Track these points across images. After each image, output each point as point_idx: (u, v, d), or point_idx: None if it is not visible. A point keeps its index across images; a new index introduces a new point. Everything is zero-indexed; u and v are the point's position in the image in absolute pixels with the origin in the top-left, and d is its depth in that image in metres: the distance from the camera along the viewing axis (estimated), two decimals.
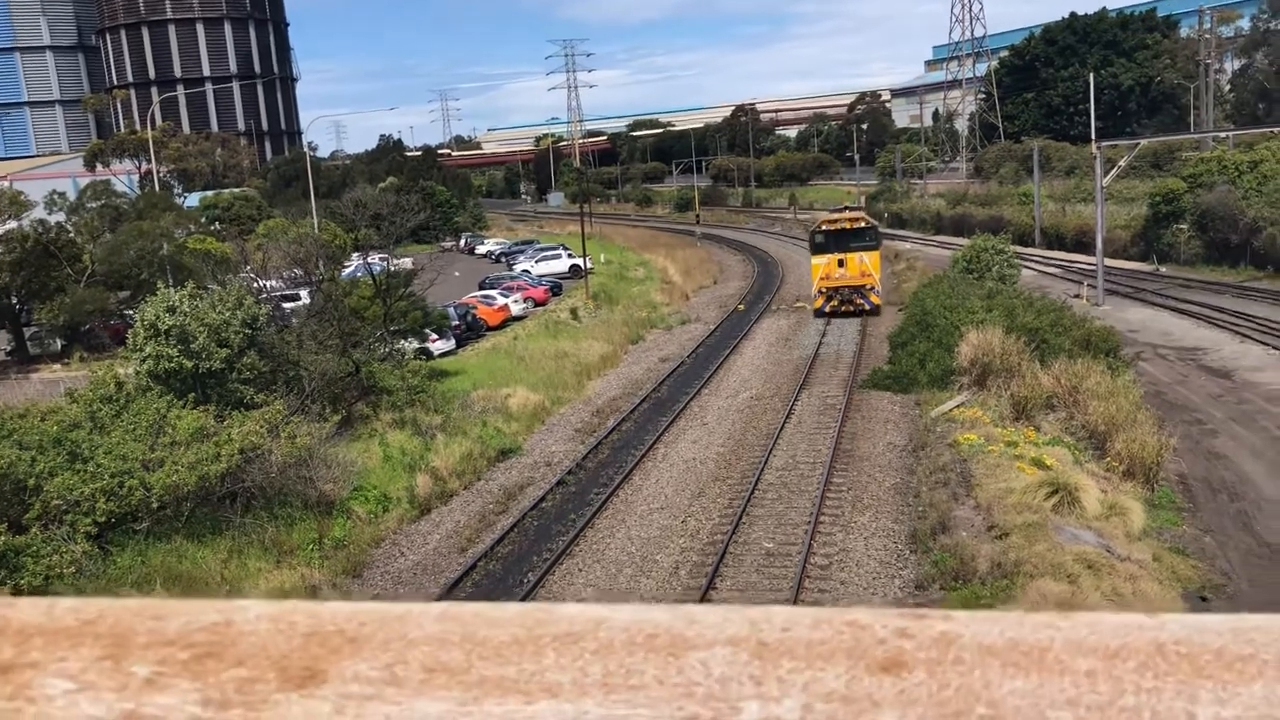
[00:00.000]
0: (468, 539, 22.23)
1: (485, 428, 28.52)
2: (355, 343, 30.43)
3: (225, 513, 21.43)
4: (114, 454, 20.08)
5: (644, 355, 40.80)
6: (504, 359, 37.23)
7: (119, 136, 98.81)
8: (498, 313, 45.24)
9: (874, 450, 26.19)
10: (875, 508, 22.22)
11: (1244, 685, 0.63)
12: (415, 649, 0.72)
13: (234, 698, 0.68)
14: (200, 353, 24.42)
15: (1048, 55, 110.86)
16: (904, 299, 45.03)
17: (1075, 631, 0.69)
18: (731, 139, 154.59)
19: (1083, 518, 19.85)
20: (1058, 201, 70.50)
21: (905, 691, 0.65)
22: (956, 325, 31.70)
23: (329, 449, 24.00)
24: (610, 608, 0.77)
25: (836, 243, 43.94)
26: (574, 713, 0.65)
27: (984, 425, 25.56)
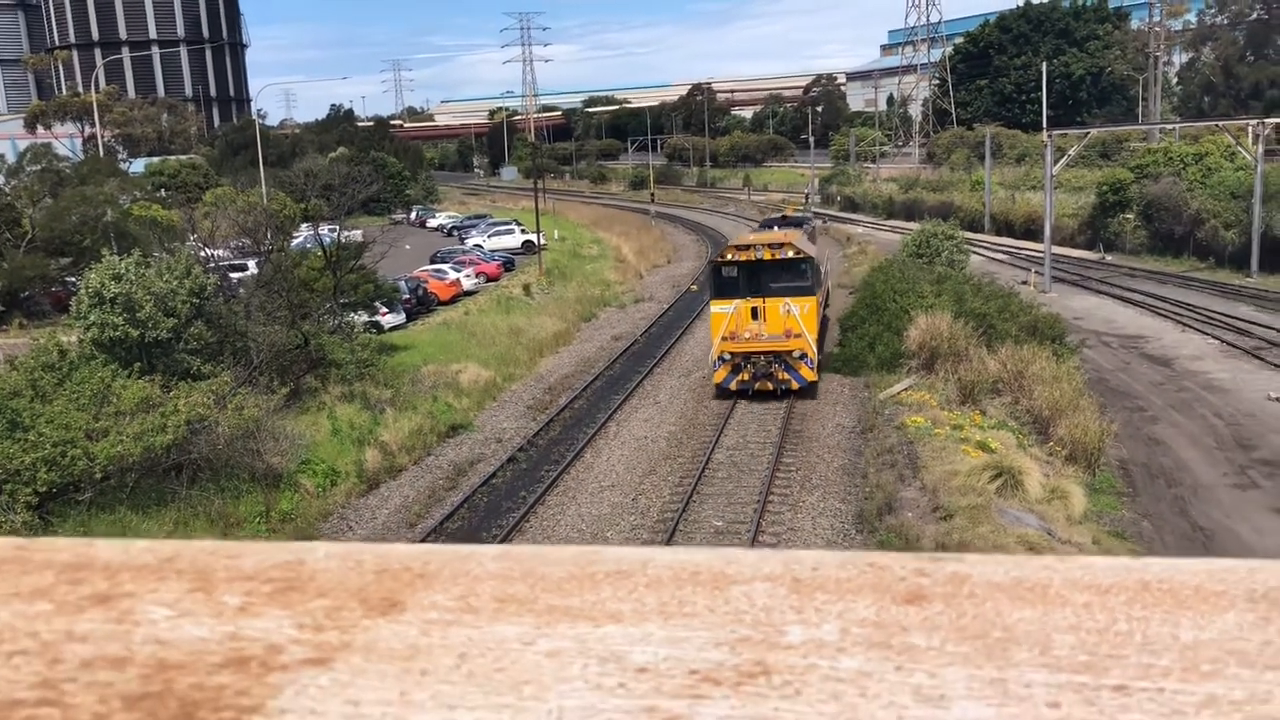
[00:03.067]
0: (416, 514, 22.15)
1: (436, 403, 28.38)
2: (304, 314, 30.10)
3: (171, 484, 21.16)
4: (56, 423, 19.73)
5: (597, 333, 40.78)
6: (455, 334, 37.02)
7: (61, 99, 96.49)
8: (449, 287, 44.93)
9: (823, 431, 26.44)
10: (823, 488, 22.45)
11: (1218, 615, 0.71)
12: (482, 583, 0.79)
13: (325, 622, 0.74)
14: (146, 322, 24.03)
15: (1001, 43, 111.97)
16: (854, 283, 45.37)
17: (1071, 572, 0.77)
18: (687, 118, 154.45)
19: (1025, 501, 20.23)
20: (1008, 189, 71.36)
21: (929, 619, 0.72)
22: (906, 309, 32.01)
23: (277, 421, 23.77)
24: (652, 550, 0.84)
25: (750, 281, 28.42)
26: (639, 634, 0.72)
27: (931, 408, 25.91)
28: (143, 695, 0.66)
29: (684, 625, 0.73)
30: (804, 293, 28.57)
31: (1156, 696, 0.63)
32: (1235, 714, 0.61)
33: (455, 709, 0.65)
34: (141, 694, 0.66)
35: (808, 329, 28.25)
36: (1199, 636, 0.69)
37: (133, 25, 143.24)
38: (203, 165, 76.57)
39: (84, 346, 24.10)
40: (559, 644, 0.72)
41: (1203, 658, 0.67)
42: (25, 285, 41.66)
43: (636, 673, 0.68)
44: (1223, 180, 52.05)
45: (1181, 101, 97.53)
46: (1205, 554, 19.30)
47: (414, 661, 0.71)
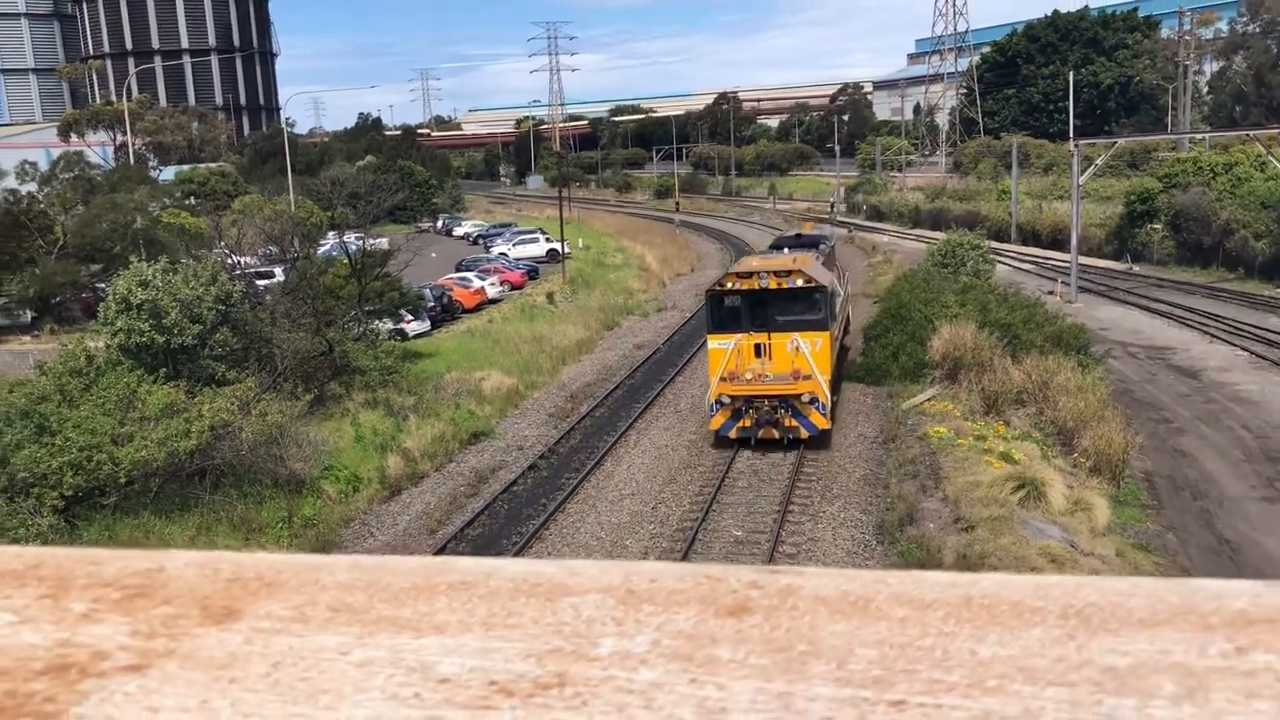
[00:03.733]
0: (438, 521, 22.23)
1: (458, 410, 28.50)
2: (329, 321, 30.31)
3: (194, 489, 21.34)
4: (82, 428, 19.95)
5: (619, 341, 40.83)
6: (479, 342, 37.17)
7: (94, 107, 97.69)
8: (474, 295, 45.13)
9: (845, 441, 26.34)
10: (844, 498, 22.37)
11: (1026, 630, 0.72)
12: (325, 593, 0.82)
13: (159, 630, 0.77)
14: (172, 328, 24.27)
15: (1029, 52, 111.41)
16: (879, 292, 45.20)
17: (902, 586, 0.78)
18: (713, 127, 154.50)
19: (1048, 512, 20.08)
20: (1035, 198, 70.92)
21: (742, 631, 0.74)
22: (930, 319, 31.87)
23: (300, 427, 23.94)
24: (505, 561, 0.86)
25: (753, 313, 25.08)
26: (454, 645, 0.73)
27: (954, 419, 25.77)
28: None
29: (502, 637, 0.74)
30: (815, 327, 24.94)
31: (931, 712, 0.64)
32: None
33: (249, 717, 0.66)
34: None
35: (819, 369, 24.68)
36: (997, 653, 0.69)
37: (165, 35, 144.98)
38: (232, 173, 77.30)
39: (111, 352, 24.37)
40: (373, 654, 0.73)
41: (991, 673, 0.67)
42: (57, 291, 42.17)
43: (437, 683, 0.69)
44: (1253, 190, 51.52)
45: (1212, 111, 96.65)
46: (1233, 568, 19.08)
47: (228, 669, 0.72)
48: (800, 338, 24.69)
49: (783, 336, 24.76)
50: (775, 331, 24.80)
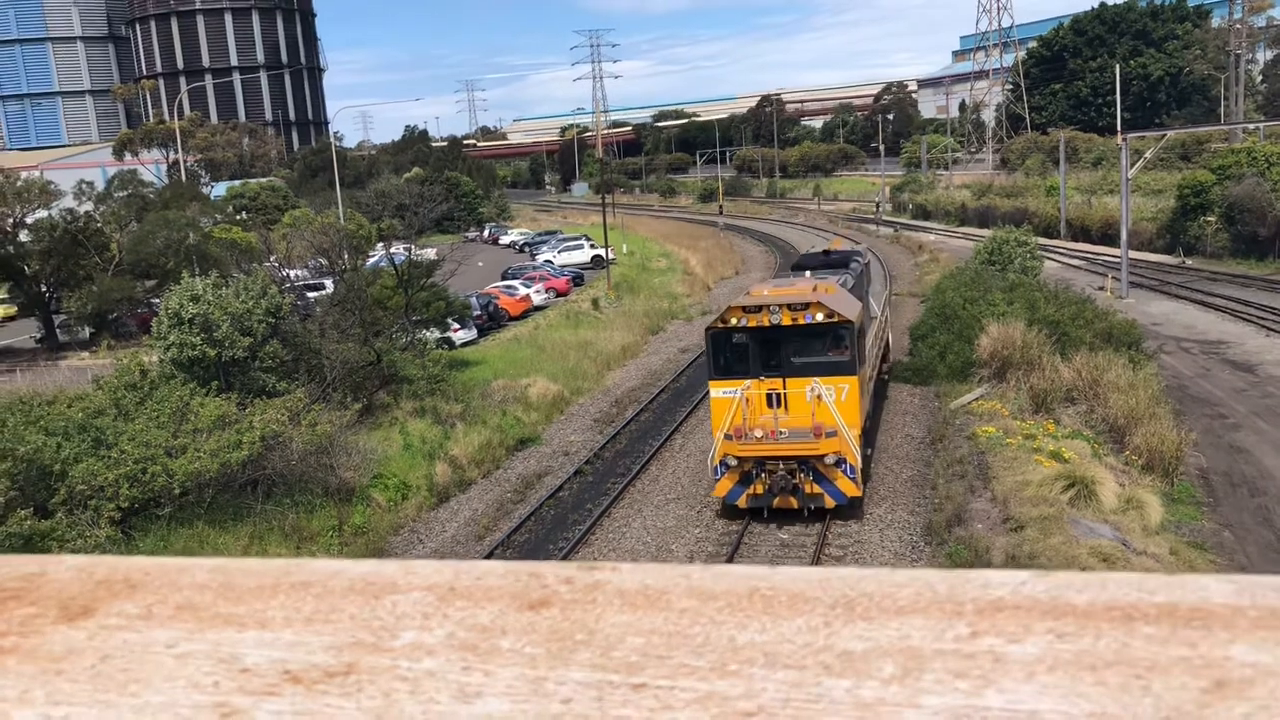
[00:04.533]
0: (485, 527, 22.41)
1: (505, 417, 28.71)
2: (377, 332, 30.67)
3: (246, 499, 21.70)
4: (137, 440, 20.39)
5: (664, 346, 40.90)
6: (525, 349, 37.42)
7: (147, 126, 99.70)
8: (520, 303, 45.43)
9: (892, 442, 26.18)
10: (891, 499, 22.23)
11: (791, 619, 0.76)
12: (178, 592, 0.87)
13: (14, 629, 0.83)
14: (223, 341, 24.71)
15: (1076, 46, 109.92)
16: (926, 291, 44.86)
17: (700, 580, 0.82)
18: (756, 129, 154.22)
19: (1100, 511, 19.81)
20: (1084, 193, 69.97)
21: (534, 624, 0.78)
22: (977, 317, 31.57)
23: (349, 437, 24.25)
24: (351, 563, 0.90)
25: (764, 354, 20.95)
26: (270, 639, 0.79)
27: (1003, 418, 25.52)
28: None
29: (316, 631, 0.80)
30: (841, 370, 20.59)
31: (662, 694, 0.68)
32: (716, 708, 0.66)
33: (59, 704, 0.72)
34: None
35: (847, 422, 20.35)
36: (753, 639, 0.73)
37: (215, 53, 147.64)
38: (282, 187, 78.50)
39: (164, 366, 24.86)
40: (194, 648, 0.79)
41: (738, 659, 0.71)
42: (113, 307, 43.11)
43: (238, 673, 0.75)
44: None
45: (1266, 100, 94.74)
46: None
47: (61, 663, 0.78)
48: (822, 384, 20.32)
49: (800, 383, 20.51)
50: (791, 377, 20.61)
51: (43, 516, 18.27)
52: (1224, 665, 0.67)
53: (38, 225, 43.80)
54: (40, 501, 18.88)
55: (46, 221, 43.85)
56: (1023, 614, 0.75)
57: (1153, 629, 0.71)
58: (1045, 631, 0.72)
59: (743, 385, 20.63)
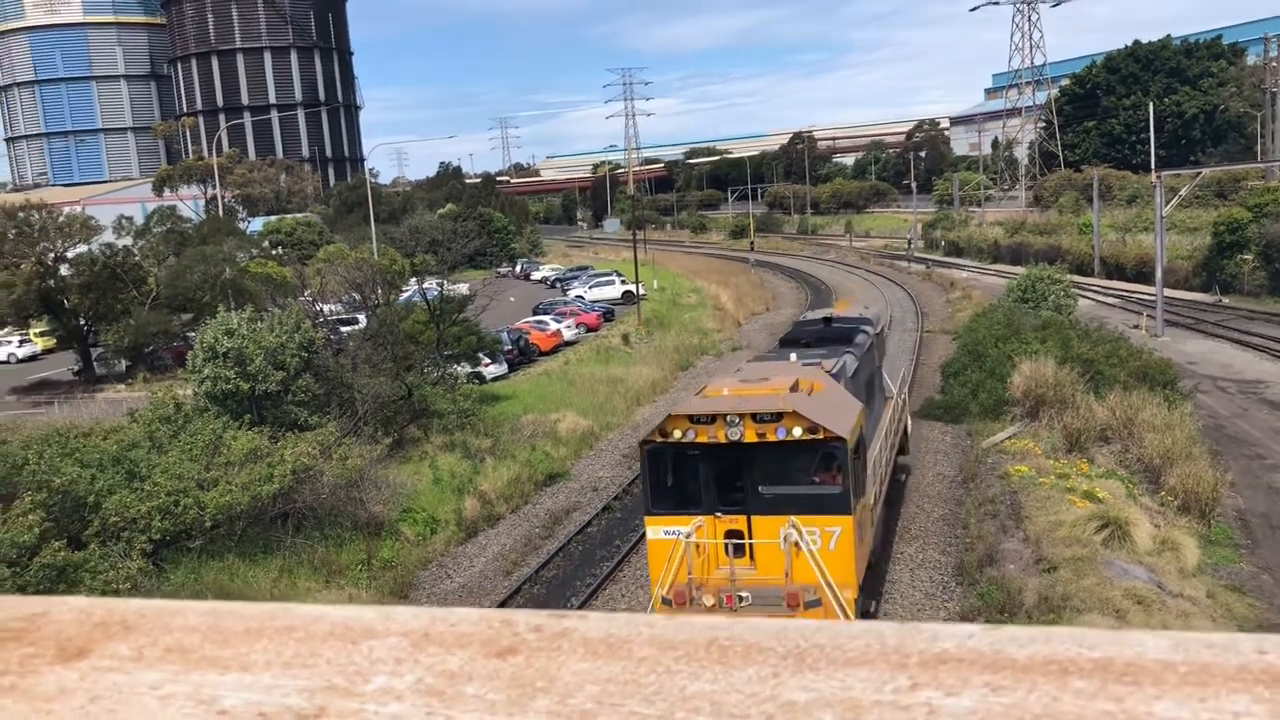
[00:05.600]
0: (513, 562, 22.38)
1: (534, 452, 28.75)
2: (409, 366, 30.88)
3: (277, 532, 21.81)
4: (170, 473, 20.58)
5: (694, 381, 40.80)
6: (555, 384, 37.51)
7: (187, 162, 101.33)
8: (550, 338, 45.60)
9: (923, 481, 25.96)
10: (922, 539, 22.02)
11: (743, 669, 0.80)
12: (169, 635, 0.91)
13: (12, 668, 0.87)
14: (257, 375, 24.94)
15: (1109, 83, 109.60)
16: (957, 328, 44.62)
17: (662, 630, 0.86)
18: (788, 166, 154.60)
19: (1134, 552, 19.52)
20: (1118, 231, 69.51)
21: (499, 670, 0.82)
22: (1009, 355, 31.36)
23: (380, 471, 24.36)
24: (336, 609, 0.95)
25: (721, 481, 15.85)
26: (250, 682, 0.83)
27: (1035, 457, 25.25)
28: None
29: (293, 675, 0.84)
30: (829, 506, 15.25)
31: None
32: None
33: None
34: None
35: (837, 579, 14.88)
36: (702, 689, 0.77)
37: (254, 91, 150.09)
38: (317, 223, 79.43)
39: (198, 399, 25.12)
40: (177, 689, 0.83)
41: (686, 707, 0.75)
42: (149, 340, 43.68)
43: (216, 714, 0.79)
44: None
45: None
46: None
47: (51, 702, 0.82)
48: (804, 524, 14.97)
49: (772, 522, 15.13)
50: (759, 514, 15.37)
51: (76, 548, 18.43)
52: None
53: (78, 260, 44.53)
54: (74, 533, 19.06)
55: (86, 256, 44.58)
56: (964, 667, 0.76)
57: (1084, 683, 0.73)
58: (982, 685, 0.74)
59: (692, 524, 15.32)
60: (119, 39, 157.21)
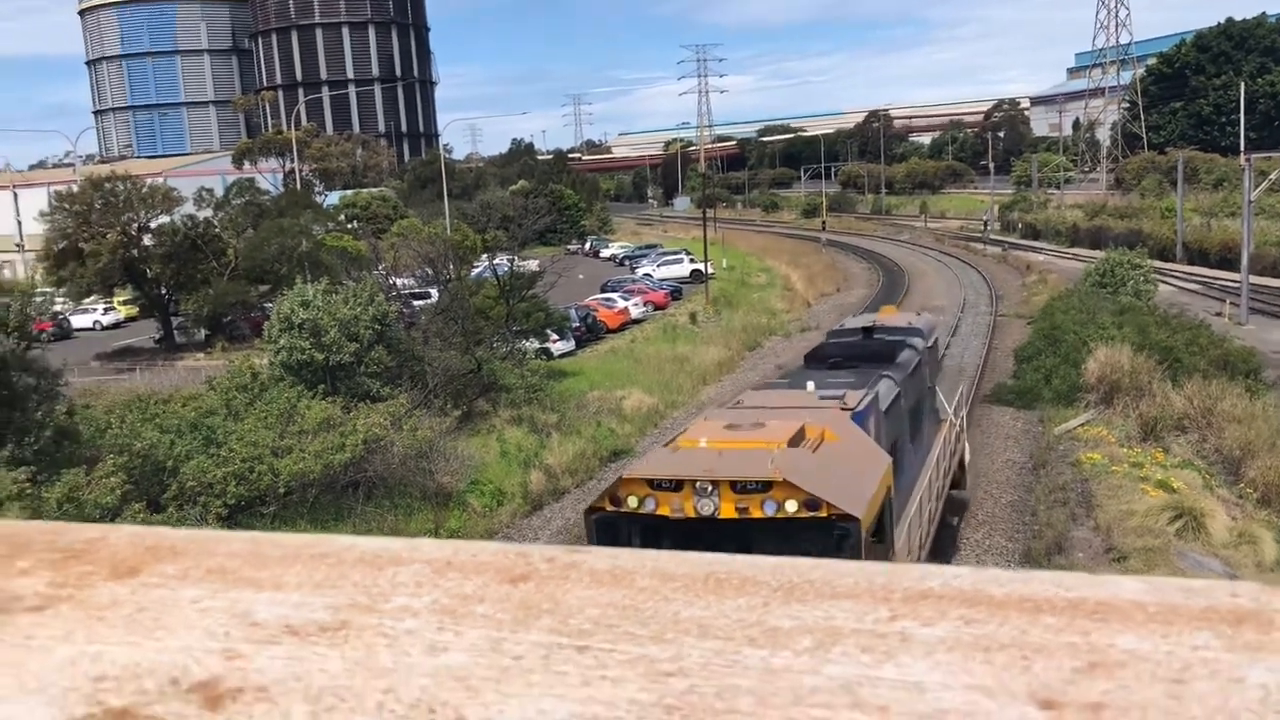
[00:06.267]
0: (577, 537, 22.58)
1: (599, 428, 28.93)
2: (478, 341, 31.23)
3: (348, 500, 22.28)
4: (246, 440, 21.11)
5: (760, 362, 40.73)
6: (621, 361, 37.65)
7: (265, 136, 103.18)
8: (617, 315, 45.73)
9: (992, 466, 25.64)
10: (990, 524, 21.77)
11: (734, 599, 0.85)
12: (212, 559, 0.99)
13: (71, 583, 0.96)
14: (331, 346, 25.43)
15: (1199, 62, 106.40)
16: (1032, 312, 43.87)
17: (666, 564, 0.91)
18: (863, 145, 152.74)
19: (1209, 544, 19.11)
20: (1203, 215, 67.63)
21: (510, 594, 0.88)
22: (1085, 341, 30.79)
23: (448, 443, 24.72)
24: (366, 540, 1.02)
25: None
26: (280, 599, 0.90)
27: (1109, 445, 24.80)
28: None
29: (321, 594, 0.90)
30: None
31: (602, 655, 0.78)
32: (643, 667, 0.75)
33: (95, 643, 0.85)
34: None
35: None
36: (694, 614, 0.83)
37: (332, 66, 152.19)
38: (392, 198, 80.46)
39: (274, 369, 25.69)
40: (215, 604, 0.90)
41: (676, 629, 0.81)
42: (228, 311, 44.72)
43: (249, 626, 0.86)
44: None
45: None
46: None
47: (106, 611, 0.90)
48: None
49: None
50: None
51: (155, 510, 19.01)
52: (1105, 651, 0.73)
53: (160, 230, 45.69)
54: (153, 496, 19.66)
55: (168, 226, 45.72)
56: (944, 603, 0.81)
57: (1054, 619, 0.77)
58: (957, 618, 0.78)
59: None
60: (203, 14, 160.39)
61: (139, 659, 0.82)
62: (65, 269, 45.63)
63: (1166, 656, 0.72)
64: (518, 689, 0.74)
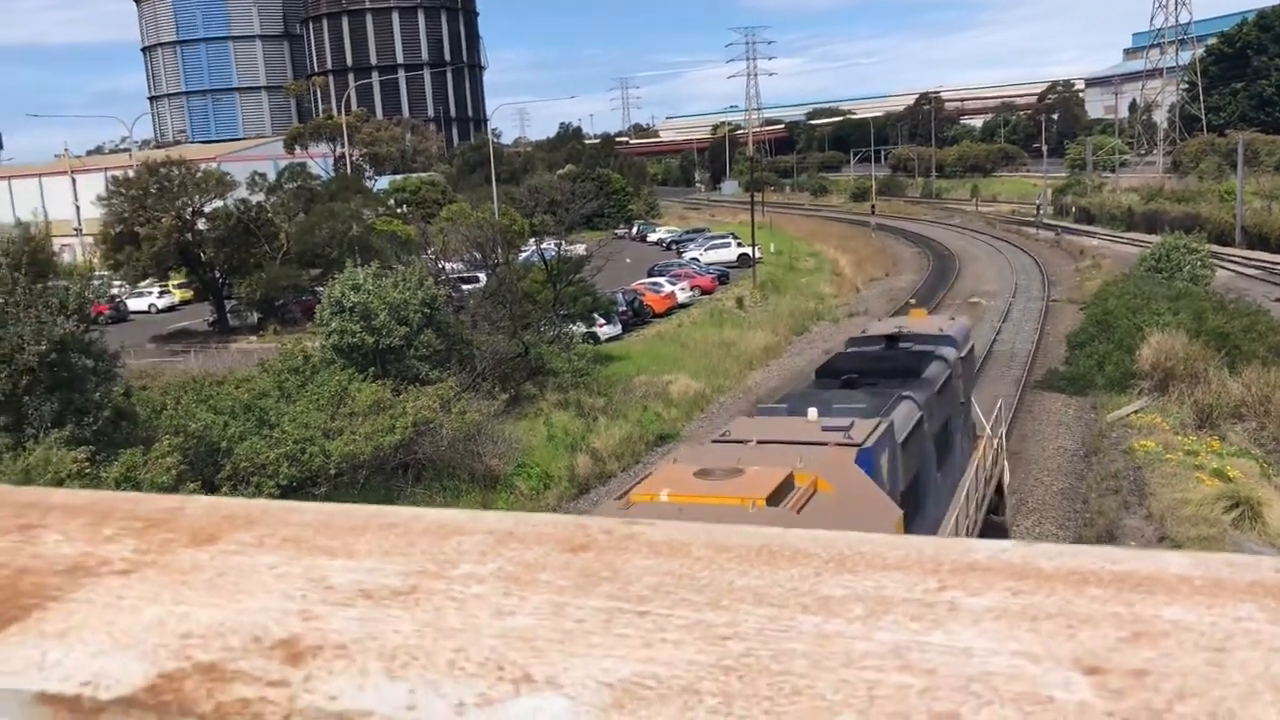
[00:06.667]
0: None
1: (645, 412, 28.99)
2: (526, 325, 31.40)
3: (397, 482, 22.54)
4: (298, 422, 21.42)
5: (808, 347, 40.54)
6: (668, 346, 37.66)
7: (316, 121, 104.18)
8: (664, 300, 45.72)
9: (1043, 453, 25.37)
10: (1040, 512, 21.56)
11: (786, 569, 0.89)
12: (287, 528, 1.06)
13: (154, 549, 1.03)
14: (381, 329, 25.70)
15: (1261, 42, 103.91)
16: (1085, 297, 43.24)
17: (718, 536, 0.96)
18: (913, 128, 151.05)
19: (1265, 534, 18.78)
20: (1264, 199, 66.16)
21: (571, 563, 0.92)
22: (1139, 327, 30.32)
23: (496, 426, 24.91)
24: (429, 511, 1.09)
25: None
26: (353, 566, 0.95)
27: (1163, 432, 24.42)
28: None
29: (391, 561, 0.95)
30: None
31: (661, 619, 0.81)
32: (701, 631, 0.79)
33: (180, 604, 0.90)
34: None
35: None
36: (749, 583, 0.86)
37: (382, 51, 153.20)
38: (441, 182, 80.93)
39: (325, 352, 26.01)
40: (291, 569, 0.96)
41: (730, 597, 0.84)
42: (280, 294, 45.30)
43: (323, 589, 0.91)
44: None
45: None
46: None
47: (188, 575, 0.97)
48: None
49: None
50: None
51: (209, 490, 19.36)
52: (1150, 622, 0.75)
53: (214, 214, 46.34)
54: (208, 476, 20.03)
55: (222, 211, 46.36)
56: (992, 575, 0.84)
57: (1100, 591, 0.80)
58: (1004, 589, 0.81)
59: None
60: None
61: (222, 619, 0.87)
62: (121, 253, 46.46)
63: (1210, 627, 0.73)
64: (581, 649, 0.78)
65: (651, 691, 0.71)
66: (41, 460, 16.97)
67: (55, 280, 20.23)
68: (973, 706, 0.67)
